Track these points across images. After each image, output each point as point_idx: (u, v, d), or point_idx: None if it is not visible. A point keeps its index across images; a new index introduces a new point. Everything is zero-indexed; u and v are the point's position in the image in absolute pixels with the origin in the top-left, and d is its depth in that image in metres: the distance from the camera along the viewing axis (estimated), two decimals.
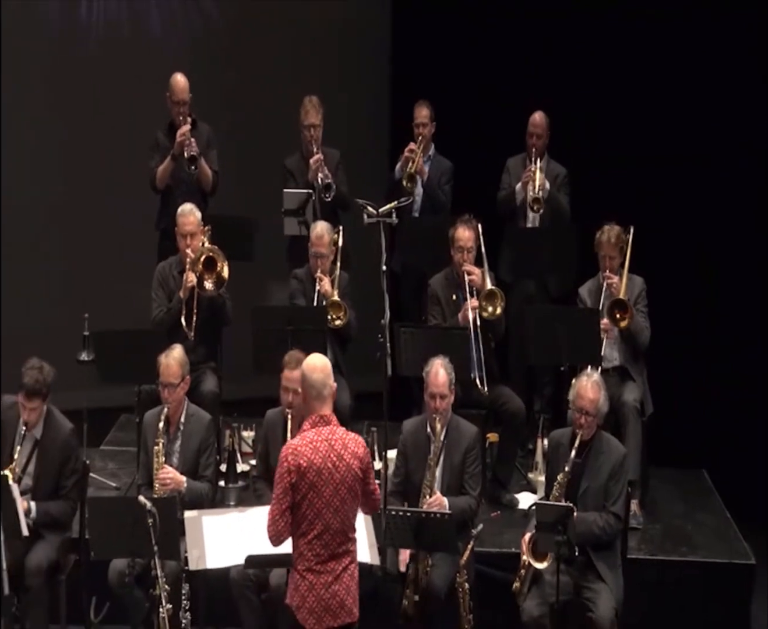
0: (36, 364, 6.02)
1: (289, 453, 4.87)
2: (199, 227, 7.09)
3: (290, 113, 7.87)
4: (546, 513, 5.78)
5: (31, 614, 6.02)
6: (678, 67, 8.26)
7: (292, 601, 4.95)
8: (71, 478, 6.17)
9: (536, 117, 7.76)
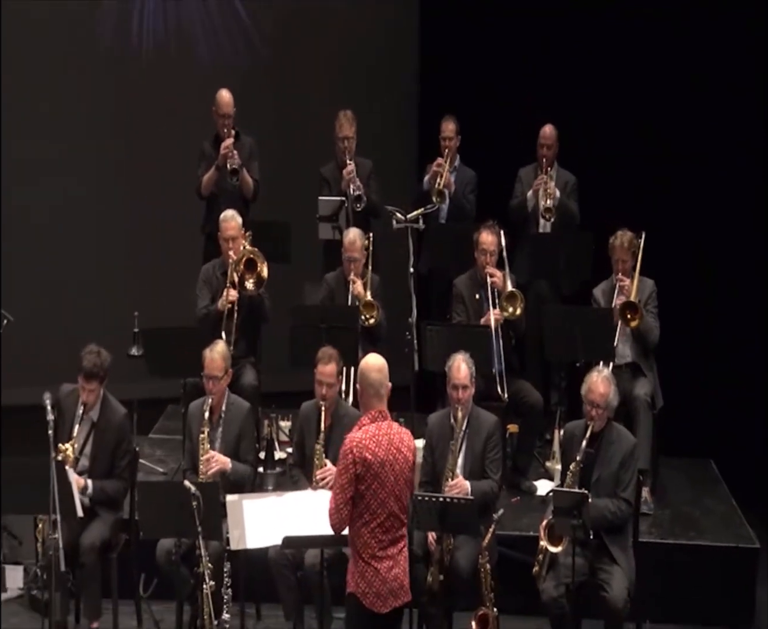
0: (94, 349, 6.07)
1: (353, 446, 4.86)
2: (241, 231, 7.10)
3: (326, 125, 7.87)
4: (562, 499, 5.76)
5: (85, 588, 6.07)
6: (678, 70, 8.17)
7: (357, 588, 4.90)
8: (124, 459, 6.21)
9: (546, 130, 7.75)
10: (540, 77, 8.37)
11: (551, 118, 7.81)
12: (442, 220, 7.91)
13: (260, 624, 6.43)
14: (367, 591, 4.87)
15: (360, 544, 4.89)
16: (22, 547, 6.75)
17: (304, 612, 6.05)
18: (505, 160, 8.00)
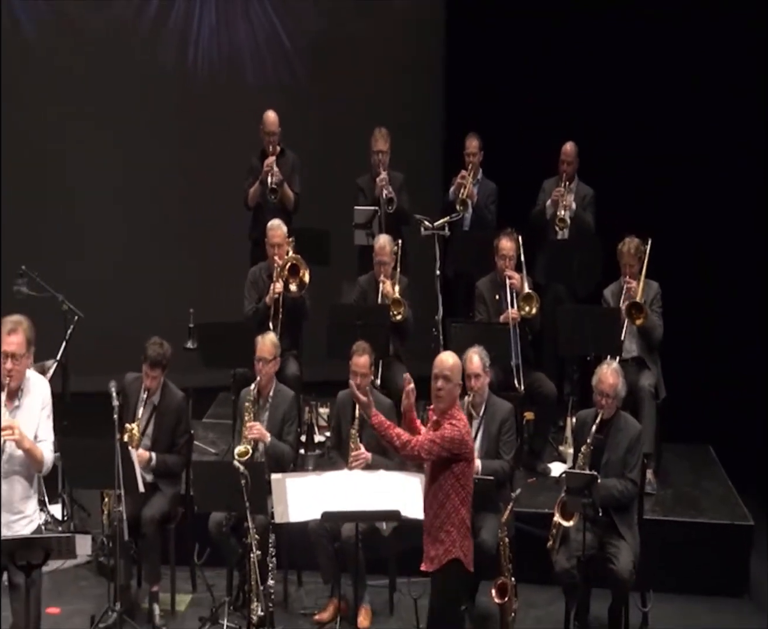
0: (158, 341, 6.12)
1: (465, 433, 4.90)
2: (285, 239, 7.13)
3: (362, 141, 7.87)
4: (574, 479, 5.73)
5: (146, 556, 6.11)
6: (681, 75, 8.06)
7: (460, 554, 4.95)
8: (182, 437, 6.25)
9: (567, 147, 7.71)
10: (556, 97, 8.32)
11: (565, 132, 7.76)
12: (466, 228, 7.89)
13: (301, 589, 6.43)
14: (467, 555, 4.96)
15: (458, 520, 4.94)
16: (90, 518, 6.80)
17: (341, 579, 6.06)
18: (524, 173, 7.96)
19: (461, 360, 6.03)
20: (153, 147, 8.91)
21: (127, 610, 5.81)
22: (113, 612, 5.81)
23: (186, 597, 6.32)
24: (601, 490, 5.67)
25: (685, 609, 6.28)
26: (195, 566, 6.41)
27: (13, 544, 4.85)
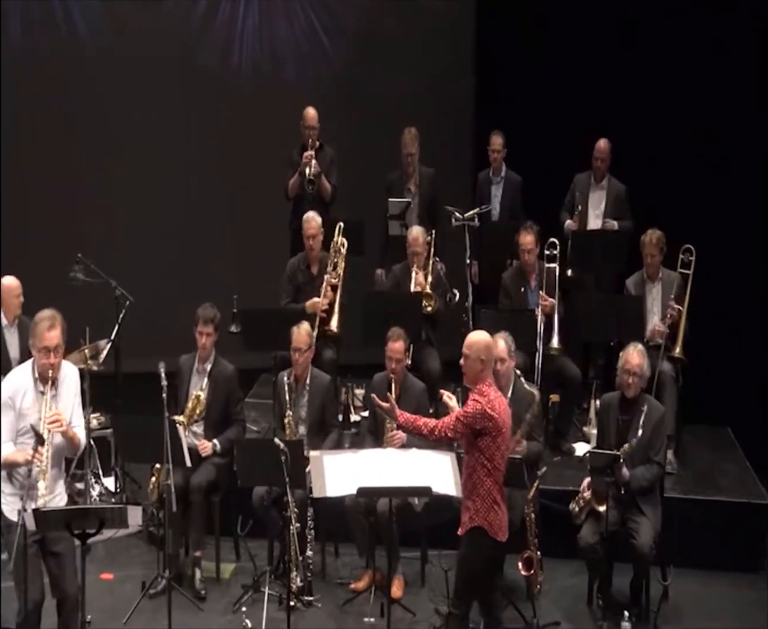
0: (209, 304, 6.26)
1: (486, 405, 4.89)
2: (320, 230, 7.15)
3: (395, 137, 7.85)
4: (597, 459, 5.72)
5: (192, 522, 6.14)
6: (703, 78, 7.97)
7: (484, 523, 4.97)
8: (238, 405, 6.33)
9: (601, 144, 7.61)
10: (583, 93, 8.23)
11: (593, 127, 7.67)
12: (495, 218, 7.86)
13: (338, 560, 6.46)
14: (493, 523, 4.95)
15: (484, 491, 4.95)
16: (141, 490, 6.89)
17: (375, 551, 6.10)
18: (552, 168, 7.90)
19: None
20: (199, 140, 8.95)
21: (175, 577, 5.87)
22: (162, 578, 5.91)
23: (230, 565, 6.38)
24: (633, 483, 5.69)
25: (704, 584, 6.27)
26: (238, 537, 6.46)
27: (70, 514, 4.94)
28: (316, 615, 5.94)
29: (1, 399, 4.80)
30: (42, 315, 4.90)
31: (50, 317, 4.89)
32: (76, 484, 6.81)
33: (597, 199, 7.65)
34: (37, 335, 4.83)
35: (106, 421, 7.09)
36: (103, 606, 5.87)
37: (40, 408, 4.83)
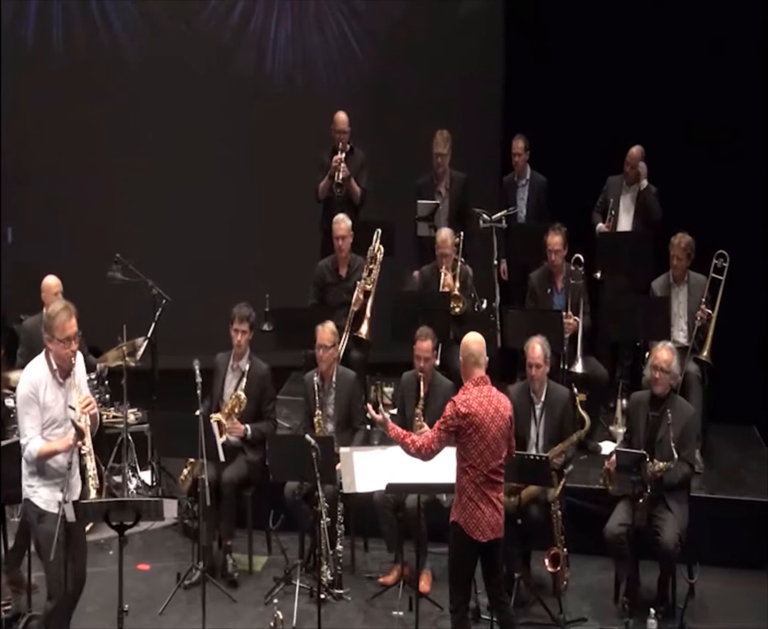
0: (244, 303, 6.27)
1: (458, 403, 4.88)
2: (349, 232, 7.14)
3: (425, 140, 7.83)
4: (624, 458, 5.67)
5: (224, 514, 6.15)
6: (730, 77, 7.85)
7: (459, 518, 4.93)
8: (270, 403, 6.34)
9: (633, 151, 7.50)
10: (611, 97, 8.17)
11: (621, 130, 7.60)
12: (521, 220, 7.81)
13: (367, 554, 6.45)
14: (468, 521, 4.89)
15: (459, 488, 4.94)
16: (176, 484, 6.89)
17: (404, 546, 6.08)
18: (579, 170, 7.84)
19: (524, 347, 6.03)
20: (234, 144, 8.98)
21: (209, 569, 5.90)
22: (197, 570, 5.94)
23: (262, 558, 6.39)
24: (665, 481, 5.63)
25: (730, 582, 6.19)
26: (270, 530, 6.47)
27: (109, 506, 4.97)
28: (345, 608, 5.94)
29: (25, 394, 4.78)
30: (56, 307, 4.86)
31: (66, 307, 4.87)
32: (113, 477, 6.85)
33: (628, 202, 7.59)
34: (57, 327, 4.79)
35: (143, 417, 7.13)
36: (140, 596, 5.91)
37: (63, 399, 4.82)
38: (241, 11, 9.09)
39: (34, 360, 4.92)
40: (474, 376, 4.94)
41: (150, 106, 8.90)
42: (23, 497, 4.92)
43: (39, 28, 8.83)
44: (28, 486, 4.87)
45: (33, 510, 4.86)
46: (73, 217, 8.83)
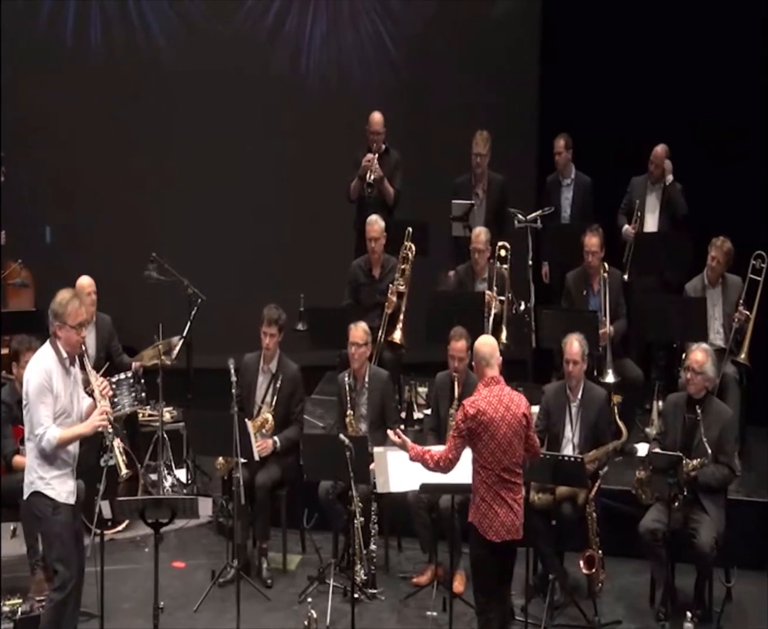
0: (274, 306, 6.26)
1: (467, 405, 4.90)
2: (382, 233, 7.13)
3: (460, 141, 7.80)
4: (660, 460, 5.61)
5: (258, 516, 6.18)
6: None
7: (474, 519, 4.92)
8: (299, 405, 6.33)
9: (658, 149, 7.47)
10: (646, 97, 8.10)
11: (655, 130, 7.53)
12: (566, 220, 7.74)
13: (401, 554, 6.45)
14: (481, 521, 4.88)
15: (473, 488, 4.95)
16: (211, 483, 6.98)
17: (438, 547, 6.06)
18: (615, 171, 7.78)
19: (562, 344, 5.99)
20: (268, 144, 9.00)
21: (243, 567, 5.92)
22: (231, 568, 5.96)
23: (296, 557, 6.41)
24: (701, 478, 5.58)
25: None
26: (304, 529, 6.48)
27: (144, 503, 5.02)
28: (379, 607, 5.94)
29: (40, 383, 4.78)
30: (66, 295, 4.88)
31: (75, 295, 4.92)
32: (149, 475, 6.91)
33: (653, 201, 7.52)
34: (70, 314, 4.81)
35: (178, 415, 7.19)
36: (175, 593, 5.95)
37: (70, 389, 4.85)
38: (277, 11, 9.12)
39: (40, 350, 4.91)
40: (485, 377, 4.96)
41: (185, 106, 8.95)
42: (29, 491, 4.83)
43: (78, 30, 8.92)
44: (39, 478, 4.82)
45: (46, 503, 4.83)
46: (110, 217, 8.91)
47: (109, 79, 8.88)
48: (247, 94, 8.99)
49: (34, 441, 4.81)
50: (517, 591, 5.46)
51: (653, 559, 5.72)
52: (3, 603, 5.47)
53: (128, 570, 6.15)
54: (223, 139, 8.98)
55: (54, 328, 4.84)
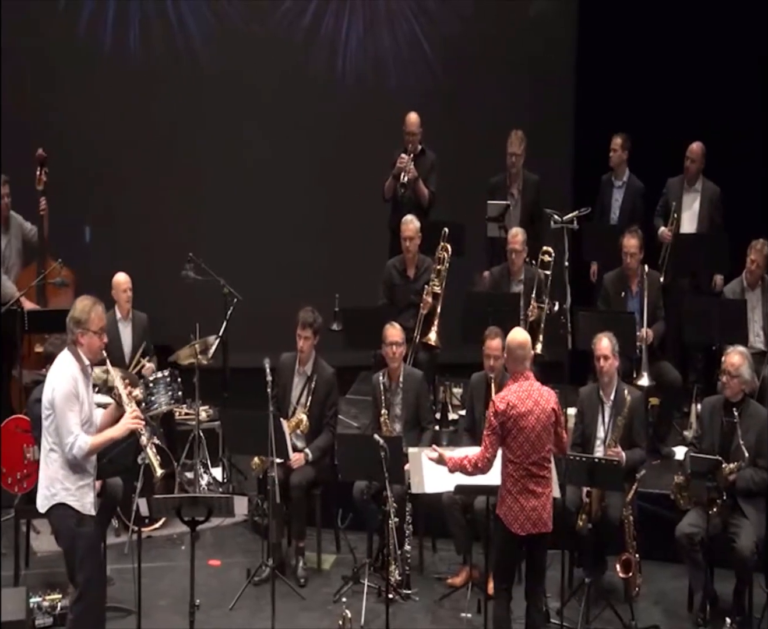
0: (310, 309, 6.28)
1: (497, 401, 4.98)
2: (417, 233, 7.12)
3: (497, 140, 7.76)
4: (699, 463, 5.54)
5: (294, 516, 6.20)
6: None
7: (500, 511, 5.00)
8: (332, 409, 6.33)
9: (693, 146, 7.39)
10: (683, 96, 8.00)
11: (693, 130, 7.44)
12: (614, 222, 7.65)
13: (435, 555, 6.43)
14: (507, 513, 4.94)
15: (501, 480, 5.02)
16: (246, 481, 7.01)
17: (473, 548, 6.04)
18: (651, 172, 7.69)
19: (592, 344, 5.96)
20: (304, 144, 9.02)
21: (278, 565, 5.93)
22: (266, 566, 5.98)
23: (330, 557, 6.41)
24: (739, 481, 5.50)
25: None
26: (339, 529, 6.48)
27: (181, 502, 5.05)
28: (413, 608, 5.93)
29: (69, 391, 4.71)
30: (87, 302, 4.82)
31: (95, 301, 4.87)
32: (185, 474, 6.95)
33: (690, 201, 7.43)
34: (94, 320, 4.77)
35: (215, 414, 7.23)
36: (210, 591, 5.98)
37: (90, 396, 4.81)
38: (314, 12, 9.15)
39: (61, 359, 4.80)
40: (515, 373, 5.01)
41: (221, 107, 9.01)
42: (50, 504, 4.74)
43: (117, 33, 9.01)
44: (63, 489, 4.72)
45: (70, 514, 4.74)
46: (148, 217, 8.98)
47: (148, 81, 8.96)
48: (283, 94, 9.03)
49: (61, 451, 4.71)
50: (552, 594, 5.40)
51: (690, 564, 5.65)
52: (43, 598, 5.53)
53: (165, 568, 6.19)
54: (259, 140, 9.02)
55: (76, 336, 4.78)
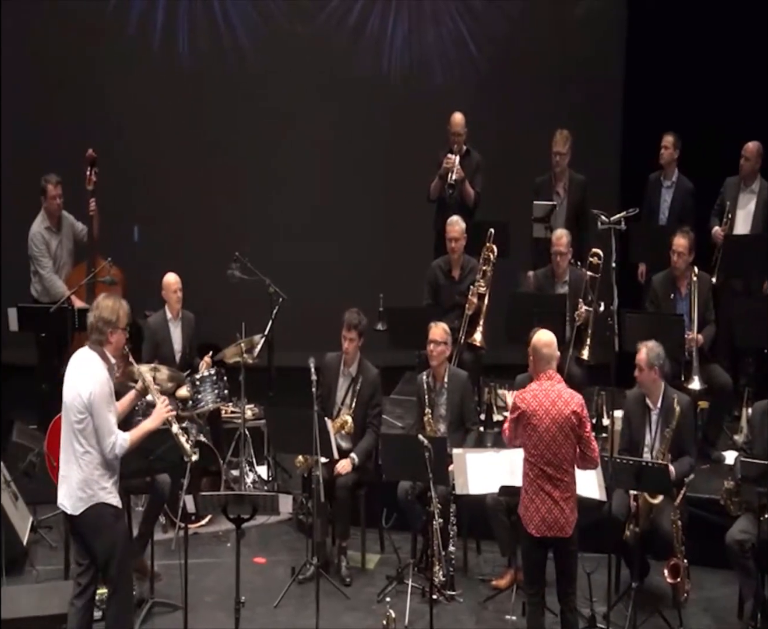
0: (355, 310, 6.30)
1: (515, 398, 5.05)
2: (462, 234, 7.09)
3: (543, 141, 7.70)
4: (750, 468, 5.43)
5: (338, 516, 6.22)
6: None
7: (519, 510, 5.03)
8: (375, 409, 6.33)
9: (749, 144, 7.26)
10: (734, 97, 7.86)
11: (745, 131, 7.32)
12: (663, 223, 7.54)
13: (480, 557, 6.40)
14: (524, 513, 4.97)
15: (522, 479, 5.04)
16: (291, 480, 7.03)
17: (517, 550, 5.97)
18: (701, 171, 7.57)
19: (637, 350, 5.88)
20: (350, 144, 9.04)
21: (323, 564, 5.95)
22: (311, 565, 6.00)
23: (375, 556, 6.41)
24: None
25: None
26: (383, 529, 6.48)
27: (226, 499, 5.08)
28: (457, 609, 5.90)
29: (106, 392, 4.77)
30: (109, 302, 4.84)
31: (117, 297, 4.95)
32: (231, 471, 7.00)
33: (745, 202, 7.30)
34: (122, 317, 4.84)
35: (260, 412, 7.27)
36: (255, 588, 6.01)
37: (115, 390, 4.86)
38: (359, 11, 9.16)
39: (89, 361, 4.81)
40: (539, 373, 5.01)
41: (268, 107, 9.05)
42: (87, 505, 4.77)
43: (166, 33, 9.10)
44: (101, 489, 4.79)
45: (109, 512, 4.82)
46: (195, 216, 9.07)
47: (195, 81, 9.04)
48: (328, 94, 9.04)
49: (97, 452, 4.76)
50: (599, 598, 5.34)
51: (741, 571, 5.55)
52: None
53: (211, 564, 6.24)
54: (304, 140, 9.05)
55: (107, 335, 4.82)
